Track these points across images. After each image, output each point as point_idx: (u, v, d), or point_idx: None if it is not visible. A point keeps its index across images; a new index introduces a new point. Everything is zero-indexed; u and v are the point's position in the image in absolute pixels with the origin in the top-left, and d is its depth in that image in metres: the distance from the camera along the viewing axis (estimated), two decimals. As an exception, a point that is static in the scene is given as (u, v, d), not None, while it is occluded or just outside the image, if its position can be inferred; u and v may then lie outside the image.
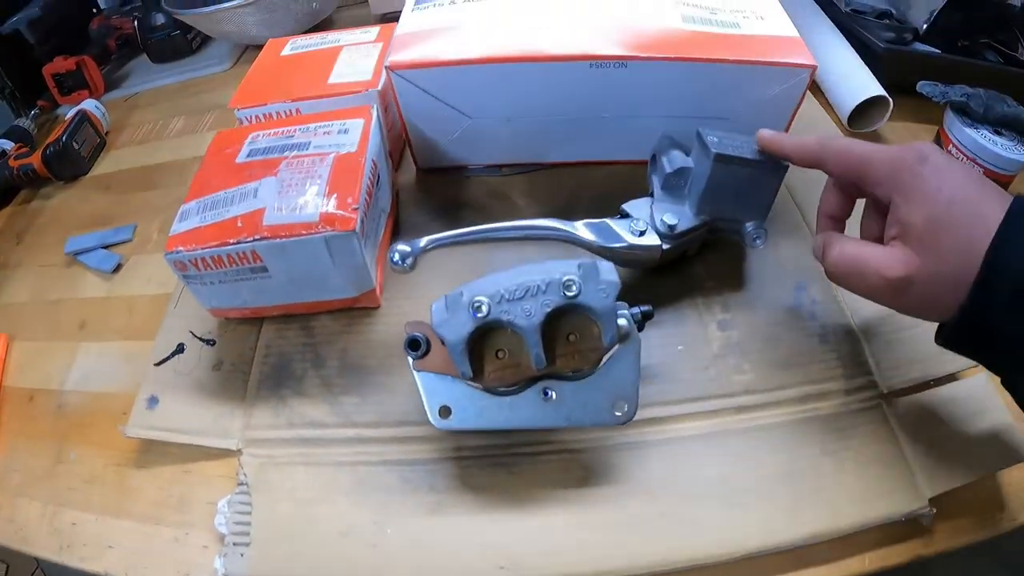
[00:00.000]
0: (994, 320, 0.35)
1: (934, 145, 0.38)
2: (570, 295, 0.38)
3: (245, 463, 0.47)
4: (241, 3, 0.78)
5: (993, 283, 0.34)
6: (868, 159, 0.40)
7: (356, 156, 0.51)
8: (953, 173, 0.37)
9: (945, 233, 0.36)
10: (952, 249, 0.36)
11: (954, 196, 0.36)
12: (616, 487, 0.44)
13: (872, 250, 0.40)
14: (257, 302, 0.52)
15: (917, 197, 0.37)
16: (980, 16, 0.83)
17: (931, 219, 0.36)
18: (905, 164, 0.38)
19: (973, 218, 0.35)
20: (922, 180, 0.37)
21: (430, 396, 0.42)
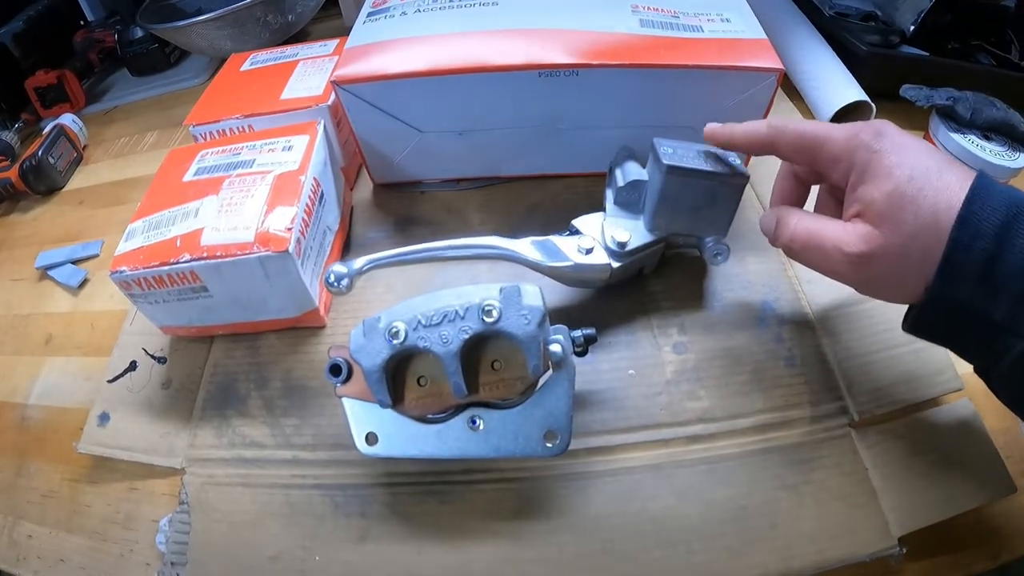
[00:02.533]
0: (962, 297, 0.34)
1: (889, 122, 0.37)
2: (489, 321, 0.36)
3: (187, 482, 0.47)
4: (209, 18, 0.77)
5: (960, 259, 0.33)
6: (823, 138, 0.39)
7: (296, 174, 0.50)
8: (912, 147, 0.36)
9: (908, 208, 0.34)
10: (916, 224, 0.34)
11: (915, 170, 0.35)
12: (553, 521, 0.42)
13: (831, 224, 0.38)
14: (204, 321, 0.51)
15: (876, 173, 0.36)
16: (971, 17, 0.81)
17: (893, 194, 0.35)
18: (861, 141, 0.37)
19: (936, 192, 0.34)
20: (880, 156, 0.36)
21: (356, 422, 0.40)
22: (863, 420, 0.45)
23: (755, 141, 0.42)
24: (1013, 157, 0.58)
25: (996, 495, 0.42)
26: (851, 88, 0.67)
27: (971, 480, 0.42)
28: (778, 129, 0.41)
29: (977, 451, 0.43)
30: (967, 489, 0.42)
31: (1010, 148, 0.59)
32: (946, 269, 0.33)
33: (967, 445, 0.43)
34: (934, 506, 0.42)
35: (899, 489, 0.42)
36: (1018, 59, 0.77)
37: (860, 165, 0.37)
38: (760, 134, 0.41)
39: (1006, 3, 0.84)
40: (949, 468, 0.43)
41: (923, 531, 0.41)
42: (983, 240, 0.32)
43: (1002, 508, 0.43)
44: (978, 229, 0.32)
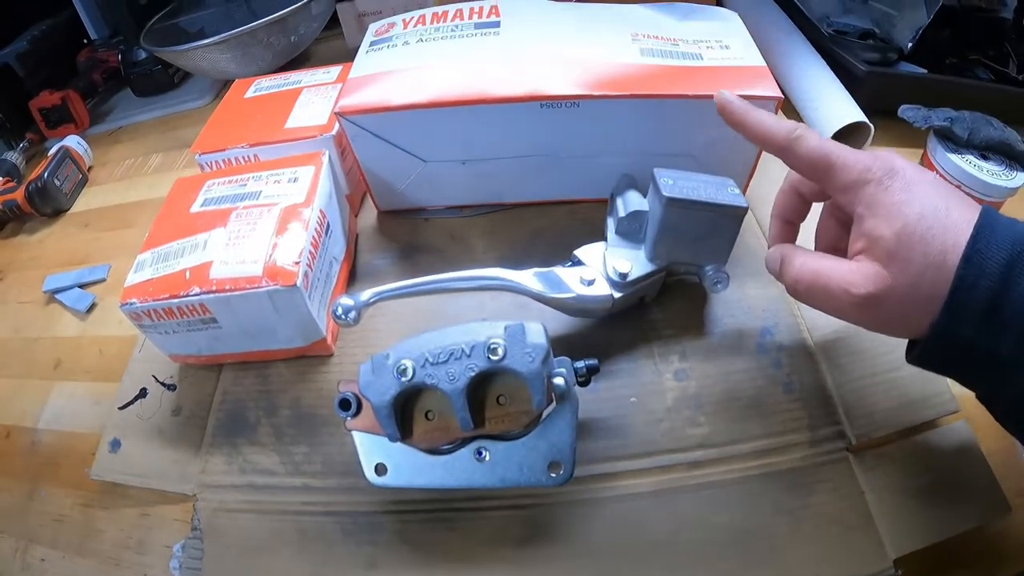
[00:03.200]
0: (967, 335, 0.34)
1: (903, 158, 0.37)
2: (495, 359, 0.37)
3: (199, 508, 0.48)
4: (212, 41, 0.78)
5: (965, 297, 0.33)
6: (837, 165, 0.38)
7: (302, 207, 0.50)
8: (923, 184, 0.35)
9: (917, 247, 0.34)
10: (924, 263, 0.34)
11: (925, 208, 0.35)
12: (558, 547, 0.43)
13: (836, 265, 0.38)
14: (213, 350, 0.52)
15: (885, 211, 0.36)
16: (969, 32, 0.81)
17: (902, 233, 0.35)
18: (873, 176, 0.36)
19: (945, 230, 0.34)
20: (891, 193, 0.36)
21: (366, 453, 0.41)
22: (860, 444, 0.45)
23: (769, 140, 0.41)
24: (1010, 176, 0.58)
25: (992, 516, 0.43)
26: (849, 108, 0.68)
27: (967, 501, 0.43)
28: (796, 140, 0.40)
29: (973, 472, 0.43)
30: (963, 511, 0.43)
31: (1007, 167, 0.59)
32: (951, 307, 0.34)
33: (963, 467, 0.44)
34: (930, 528, 0.42)
35: (895, 512, 0.43)
36: (1016, 73, 0.78)
37: (869, 199, 0.37)
38: (776, 137, 0.41)
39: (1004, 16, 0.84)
40: (945, 490, 0.44)
41: (919, 552, 0.41)
42: (988, 279, 0.32)
43: (997, 528, 0.44)
44: (983, 267, 0.33)
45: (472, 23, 0.59)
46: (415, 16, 0.62)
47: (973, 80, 0.78)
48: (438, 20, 0.60)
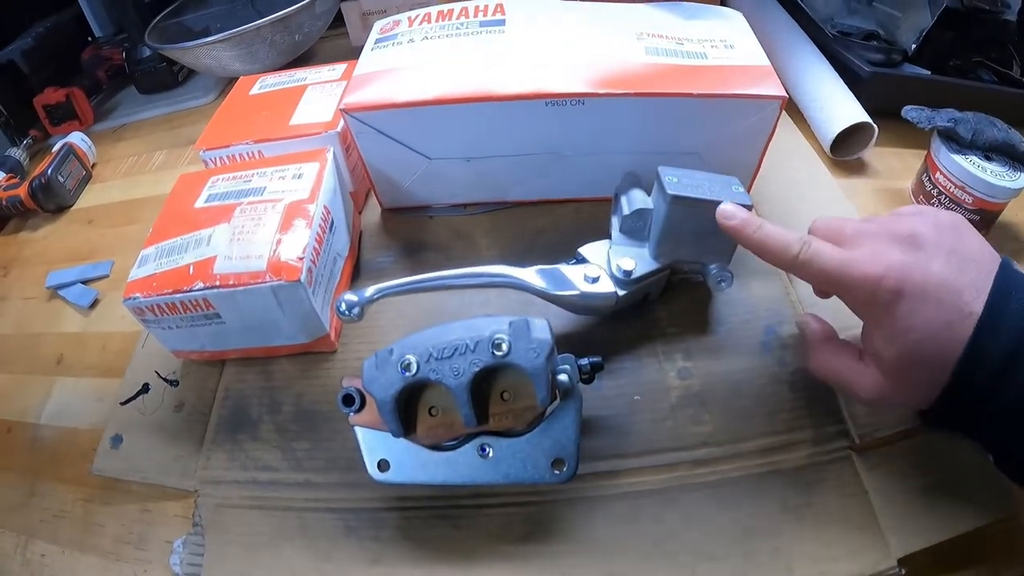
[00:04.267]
0: (959, 427, 0.39)
1: (908, 265, 0.37)
2: (499, 354, 0.37)
3: (200, 504, 0.47)
4: (217, 39, 0.78)
5: (954, 402, 0.37)
6: (844, 286, 0.40)
7: (307, 203, 0.51)
8: (926, 308, 0.37)
9: (914, 369, 0.38)
10: (920, 382, 0.38)
11: (925, 332, 0.36)
12: (561, 544, 0.43)
13: (850, 366, 0.41)
14: (215, 346, 0.52)
15: (890, 333, 0.38)
16: (973, 34, 0.81)
17: (902, 357, 0.38)
18: (879, 300, 0.38)
19: (943, 350, 0.36)
20: (894, 318, 0.37)
21: (369, 449, 0.41)
22: (864, 443, 0.45)
23: (777, 260, 0.42)
24: (1014, 177, 0.58)
25: (997, 516, 0.42)
26: (853, 109, 0.68)
27: (971, 501, 0.43)
28: (805, 264, 0.41)
29: (977, 471, 0.43)
30: (967, 510, 0.43)
31: (1011, 168, 0.59)
32: (943, 406, 0.38)
33: (968, 466, 0.43)
34: (934, 527, 0.42)
35: (900, 511, 0.43)
36: (1019, 75, 0.78)
37: (875, 320, 0.39)
38: (785, 258, 0.42)
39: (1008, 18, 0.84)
40: (949, 489, 0.43)
41: (923, 551, 0.41)
42: (978, 388, 0.36)
43: (1001, 527, 0.43)
44: (971, 381, 0.36)
45: (477, 21, 0.59)
46: (420, 14, 0.62)
47: (976, 82, 0.78)
48: (443, 18, 0.60)
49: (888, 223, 0.41)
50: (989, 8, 0.84)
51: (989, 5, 0.84)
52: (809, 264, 0.40)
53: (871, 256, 0.38)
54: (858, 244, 0.40)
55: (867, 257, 0.39)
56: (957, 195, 0.60)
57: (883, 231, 0.40)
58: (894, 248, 0.38)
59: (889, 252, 0.38)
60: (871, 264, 0.38)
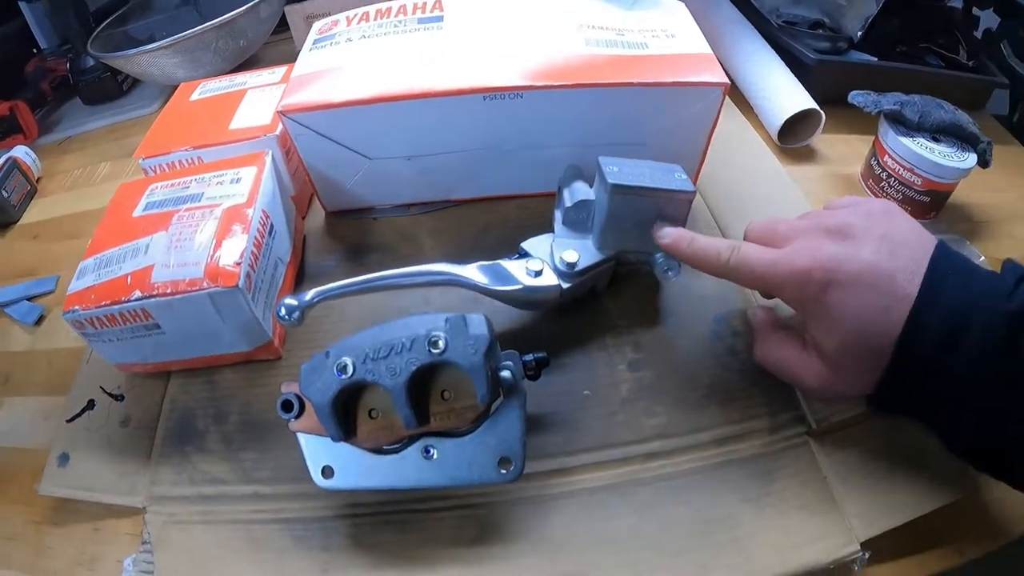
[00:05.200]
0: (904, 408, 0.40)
1: (836, 255, 0.38)
2: (436, 352, 0.36)
3: (149, 521, 0.46)
4: (160, 46, 0.77)
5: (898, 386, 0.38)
6: (774, 283, 0.41)
7: (244, 207, 0.50)
8: (858, 296, 0.37)
9: (855, 355, 0.39)
10: (859, 371, 0.39)
11: (861, 319, 0.37)
12: (513, 545, 0.42)
13: (794, 356, 0.43)
14: (158, 357, 0.51)
15: (825, 325, 0.39)
16: (918, 20, 0.83)
17: (841, 346, 0.39)
18: (809, 293, 0.39)
19: (880, 335, 0.37)
20: (827, 308, 0.38)
21: (311, 456, 0.40)
22: (821, 428, 0.45)
23: (708, 267, 0.44)
24: (962, 158, 0.59)
25: (957, 494, 0.43)
26: (800, 97, 0.68)
27: (932, 481, 0.43)
28: (733, 269, 0.42)
29: (935, 452, 0.43)
30: (928, 490, 0.43)
31: (959, 149, 0.60)
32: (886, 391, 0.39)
33: (926, 447, 0.43)
34: (896, 509, 0.42)
35: (860, 494, 0.43)
36: (966, 59, 0.79)
37: (810, 313, 0.40)
38: (714, 265, 0.43)
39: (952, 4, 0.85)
40: (909, 471, 0.44)
41: (888, 533, 0.41)
42: (918, 371, 0.37)
43: (965, 505, 0.44)
44: (911, 362, 0.37)
45: (415, 18, 0.59)
46: (358, 13, 0.61)
47: (923, 67, 0.79)
48: (381, 16, 0.60)
49: (818, 217, 0.42)
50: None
51: (935, -9, 0.85)
52: (740, 268, 0.42)
53: (800, 251, 0.40)
54: (789, 242, 0.41)
55: (796, 253, 0.40)
56: (906, 177, 0.61)
57: (813, 226, 0.41)
58: (824, 241, 0.39)
59: (819, 245, 0.39)
60: (799, 259, 0.39)
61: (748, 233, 0.45)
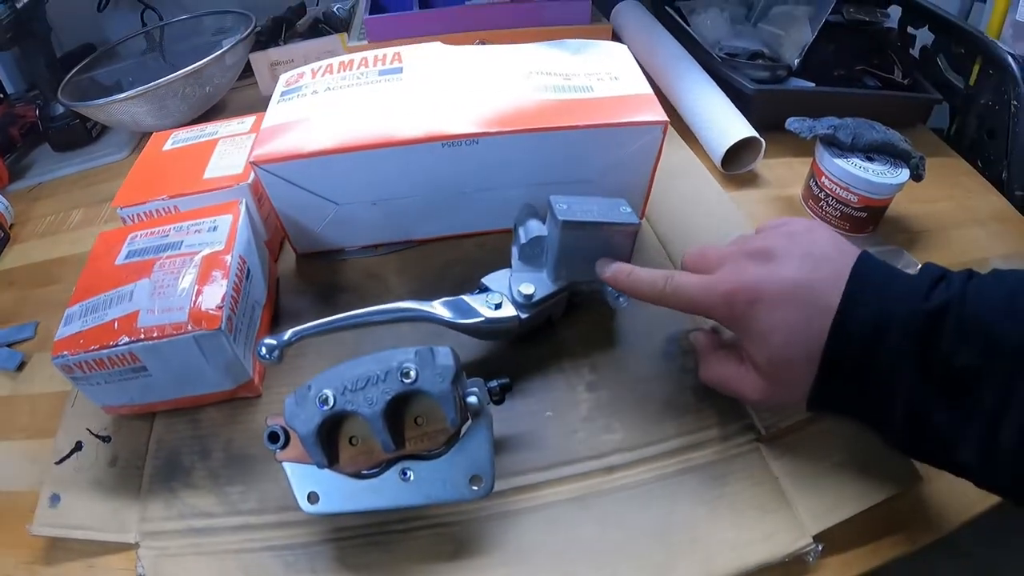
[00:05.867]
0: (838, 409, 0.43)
1: (759, 276, 0.42)
2: (408, 382, 0.39)
3: (142, 556, 0.48)
4: (129, 95, 0.79)
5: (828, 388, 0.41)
6: (704, 306, 0.44)
7: (223, 254, 0.52)
8: (782, 311, 0.40)
9: (785, 367, 0.42)
10: (793, 380, 0.42)
11: (788, 334, 0.40)
12: (487, 557, 0.45)
13: (733, 373, 0.46)
14: (144, 399, 0.53)
15: (755, 341, 0.42)
16: (854, 44, 0.87)
17: (771, 360, 0.42)
18: (738, 310, 0.42)
19: (807, 342, 0.40)
20: (756, 323, 0.41)
21: (297, 483, 0.43)
22: (770, 434, 0.49)
23: (646, 296, 0.48)
24: (895, 174, 0.63)
25: (904, 485, 0.46)
26: (740, 126, 0.72)
27: (878, 475, 0.47)
28: (668, 296, 0.46)
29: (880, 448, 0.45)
30: (875, 484, 0.46)
31: (892, 166, 0.64)
32: (819, 394, 0.41)
33: (871, 444, 0.46)
34: (845, 503, 0.46)
35: (810, 491, 0.46)
36: (901, 79, 0.84)
37: (741, 330, 0.43)
38: (651, 294, 0.47)
39: (888, 26, 0.90)
40: (856, 466, 0.47)
41: (841, 526, 0.45)
42: (846, 374, 0.39)
43: (914, 496, 0.47)
44: (840, 365, 0.40)
45: (376, 70, 0.62)
46: (323, 65, 0.64)
47: (858, 89, 0.83)
48: (345, 68, 0.63)
49: (744, 242, 0.45)
50: (870, 19, 0.90)
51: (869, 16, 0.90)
52: (675, 295, 0.46)
53: (726, 276, 0.43)
54: (718, 268, 0.45)
55: (722, 278, 0.43)
56: (842, 195, 0.65)
57: (738, 251, 0.44)
58: (747, 264, 0.43)
59: (743, 268, 0.43)
60: (725, 283, 0.43)
61: (683, 262, 0.49)
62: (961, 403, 0.36)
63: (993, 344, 0.35)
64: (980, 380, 0.35)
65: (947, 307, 0.36)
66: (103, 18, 1.13)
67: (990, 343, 0.35)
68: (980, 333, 0.35)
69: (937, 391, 0.36)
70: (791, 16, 0.86)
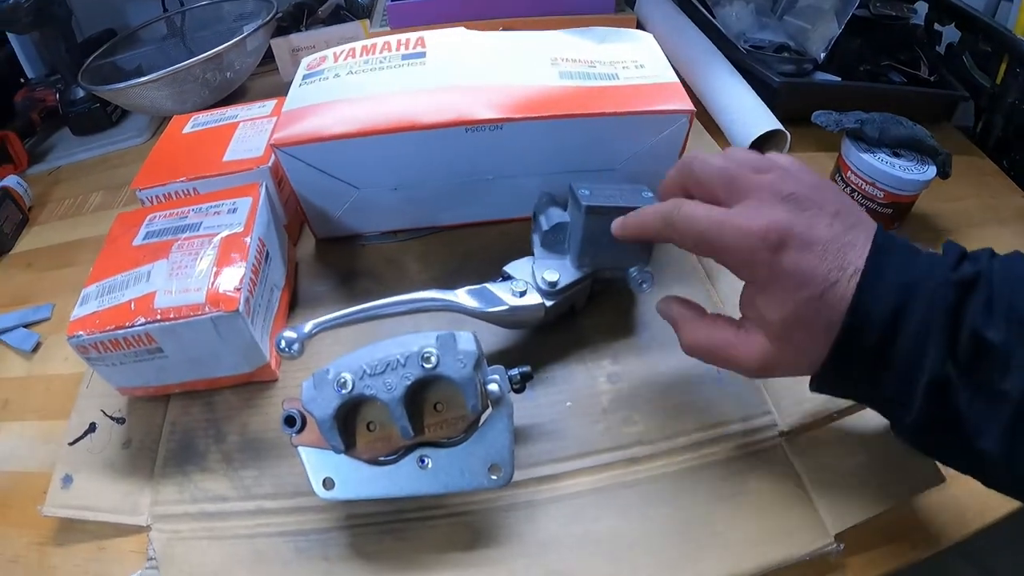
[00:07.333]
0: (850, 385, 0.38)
1: (793, 221, 0.36)
2: (428, 367, 0.39)
3: (153, 539, 0.48)
4: (149, 79, 0.79)
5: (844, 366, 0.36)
6: (720, 245, 0.38)
7: (242, 236, 0.52)
8: (810, 262, 0.35)
9: (802, 330, 0.36)
10: (804, 347, 0.37)
11: (812, 290, 0.35)
12: (504, 548, 0.44)
13: (728, 336, 0.41)
14: (160, 381, 0.53)
15: (777, 292, 0.37)
16: (880, 39, 0.85)
17: (788, 319, 0.36)
18: (760, 257, 0.36)
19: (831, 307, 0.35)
20: (779, 277, 0.36)
21: (313, 469, 0.42)
22: (791, 430, 0.48)
23: (653, 230, 0.43)
24: (922, 170, 0.62)
25: (926, 486, 0.45)
26: (766, 118, 0.71)
27: (901, 475, 0.46)
28: (675, 227, 0.40)
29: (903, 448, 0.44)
30: (898, 484, 0.45)
31: (919, 162, 0.62)
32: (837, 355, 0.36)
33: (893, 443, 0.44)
34: (867, 503, 0.45)
35: (832, 490, 0.45)
36: (927, 75, 0.82)
37: (759, 280, 0.37)
38: (658, 226, 0.42)
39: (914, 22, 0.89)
40: (878, 466, 0.46)
41: (862, 526, 0.44)
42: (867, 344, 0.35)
43: (935, 497, 0.46)
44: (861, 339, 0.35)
45: (399, 55, 0.61)
46: (345, 50, 0.64)
47: (884, 84, 0.82)
48: (367, 53, 0.63)
49: (771, 180, 0.39)
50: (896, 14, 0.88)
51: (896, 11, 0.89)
52: (686, 225, 0.40)
53: (753, 212, 0.37)
54: (737, 200, 0.39)
55: (751, 214, 0.37)
56: (868, 191, 0.64)
57: (765, 190, 0.38)
58: (779, 206, 0.37)
59: (775, 209, 0.37)
60: (753, 220, 0.37)
61: (664, 186, 0.44)
62: (987, 385, 0.32)
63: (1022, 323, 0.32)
64: (1008, 360, 0.31)
65: (977, 279, 0.33)
66: (124, 3, 1.13)
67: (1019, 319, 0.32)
68: (1009, 310, 0.32)
69: (963, 370, 0.33)
70: (817, 9, 0.85)
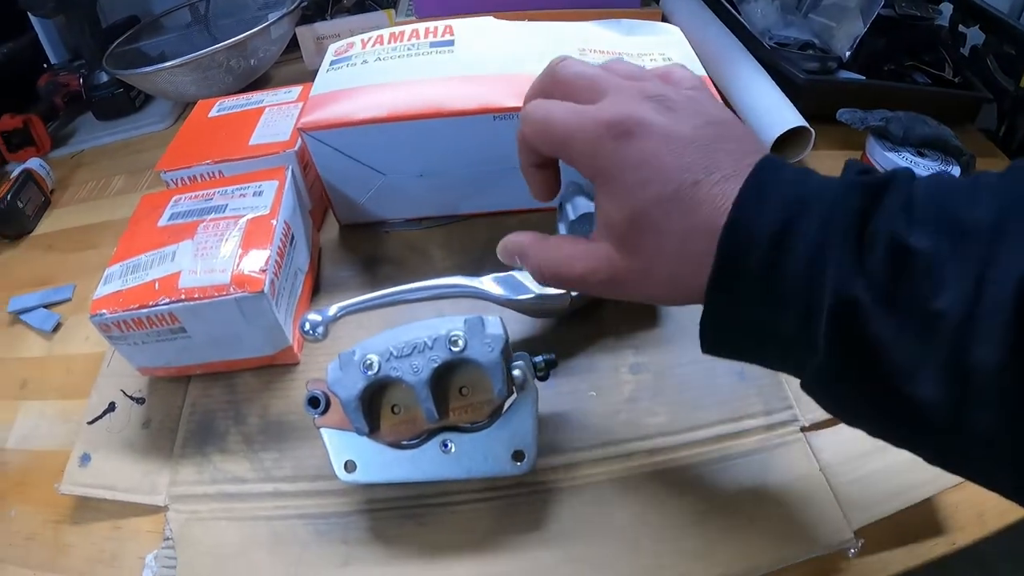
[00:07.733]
0: (743, 317, 0.30)
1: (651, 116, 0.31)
2: (456, 350, 0.39)
3: (171, 519, 0.48)
4: (174, 64, 0.79)
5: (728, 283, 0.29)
6: (564, 133, 0.33)
7: (268, 218, 0.52)
8: (661, 157, 0.29)
9: (649, 234, 0.30)
10: (661, 254, 0.31)
11: (666, 186, 0.29)
12: (524, 535, 0.44)
13: (577, 250, 0.35)
14: (181, 361, 0.53)
15: (617, 188, 0.31)
16: (905, 39, 0.85)
17: (632, 219, 0.31)
18: (604, 148, 0.31)
19: (692, 211, 0.29)
20: (622, 169, 0.30)
21: (335, 451, 0.42)
22: (813, 425, 0.48)
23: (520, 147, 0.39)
24: (946, 171, 0.61)
25: (948, 484, 0.44)
26: (790, 115, 0.70)
27: (924, 471, 0.43)
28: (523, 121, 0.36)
29: None
30: (920, 480, 0.45)
31: (943, 162, 0.62)
32: (716, 289, 0.29)
33: None
34: (889, 499, 0.44)
35: (854, 486, 0.45)
36: (952, 76, 0.82)
37: (602, 174, 0.32)
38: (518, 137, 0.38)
39: (939, 23, 0.88)
40: (900, 462, 0.45)
41: (881, 522, 0.43)
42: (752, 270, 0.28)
43: (955, 495, 0.45)
44: (744, 263, 0.28)
45: (427, 42, 0.61)
46: (373, 36, 0.64)
47: (909, 84, 0.82)
48: (395, 40, 0.63)
49: (636, 78, 0.35)
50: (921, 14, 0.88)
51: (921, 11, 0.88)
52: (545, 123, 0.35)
53: (610, 106, 0.32)
54: (602, 97, 0.33)
55: (605, 107, 0.32)
56: (892, 190, 0.63)
57: (634, 88, 0.33)
58: (644, 103, 0.32)
59: (638, 105, 0.31)
60: (609, 111, 0.32)
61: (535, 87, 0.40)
62: (914, 306, 0.24)
63: (955, 224, 0.25)
64: (943, 270, 0.24)
65: (890, 180, 0.27)
66: (148, -11, 1.13)
67: (951, 223, 0.25)
68: (936, 211, 0.25)
69: (878, 288, 0.25)
70: (843, 8, 0.84)
